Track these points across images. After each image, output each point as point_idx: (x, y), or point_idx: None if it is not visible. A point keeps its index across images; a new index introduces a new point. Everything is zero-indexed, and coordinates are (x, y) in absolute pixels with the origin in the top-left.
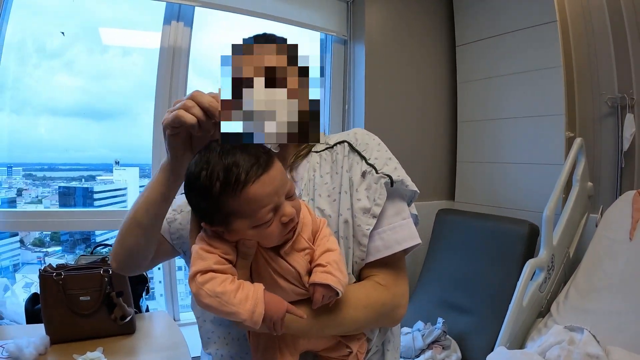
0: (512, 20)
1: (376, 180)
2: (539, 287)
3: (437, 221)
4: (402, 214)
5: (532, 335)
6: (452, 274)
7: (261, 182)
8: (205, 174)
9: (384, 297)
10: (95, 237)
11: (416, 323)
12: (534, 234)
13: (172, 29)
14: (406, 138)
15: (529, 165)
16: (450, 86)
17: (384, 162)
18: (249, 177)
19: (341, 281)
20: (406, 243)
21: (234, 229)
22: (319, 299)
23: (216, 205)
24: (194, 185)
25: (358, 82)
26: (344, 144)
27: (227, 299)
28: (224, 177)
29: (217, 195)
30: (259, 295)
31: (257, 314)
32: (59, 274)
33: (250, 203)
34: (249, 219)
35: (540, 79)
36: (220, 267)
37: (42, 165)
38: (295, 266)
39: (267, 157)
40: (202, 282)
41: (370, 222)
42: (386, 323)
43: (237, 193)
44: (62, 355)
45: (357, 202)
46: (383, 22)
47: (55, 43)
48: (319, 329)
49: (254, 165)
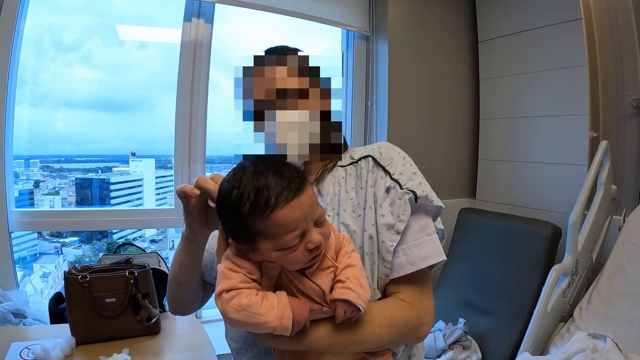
0: (535, 17)
1: (400, 196)
2: (562, 292)
3: (459, 220)
4: (427, 230)
5: (555, 341)
6: (473, 273)
7: (290, 207)
8: (236, 193)
9: (408, 315)
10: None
11: (437, 323)
12: (557, 235)
13: (193, 26)
14: (428, 135)
15: (551, 165)
16: (473, 83)
17: (409, 177)
18: (279, 202)
19: (361, 296)
20: (430, 260)
21: (259, 249)
22: (341, 314)
23: (244, 224)
24: (224, 203)
25: (381, 79)
26: (369, 159)
27: (255, 310)
28: (254, 199)
29: (246, 215)
30: (284, 301)
31: (286, 319)
32: (84, 277)
33: (278, 227)
34: (274, 242)
35: (564, 78)
36: (246, 285)
37: (59, 157)
38: (320, 285)
39: (299, 182)
40: (229, 298)
41: (394, 238)
42: (410, 340)
43: (265, 215)
44: (88, 356)
45: (381, 218)
46: (405, 18)
47: (72, 37)
48: (342, 346)
49: (285, 189)
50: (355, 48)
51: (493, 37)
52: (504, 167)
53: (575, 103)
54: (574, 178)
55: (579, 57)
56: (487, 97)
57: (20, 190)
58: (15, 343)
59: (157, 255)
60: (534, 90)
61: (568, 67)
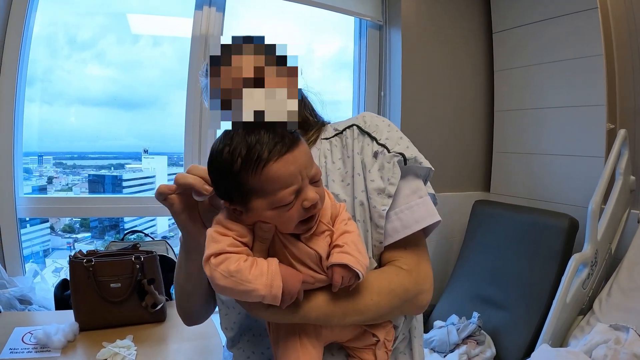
0: (550, 7)
1: (389, 160)
2: (582, 283)
3: (473, 213)
4: (418, 192)
5: (574, 333)
6: (488, 267)
7: (284, 161)
8: (227, 150)
9: (406, 282)
10: (124, 223)
11: (450, 317)
12: (574, 228)
13: (204, 15)
14: (442, 127)
15: (567, 157)
16: (487, 74)
17: (396, 142)
18: (272, 155)
19: (360, 261)
20: (425, 221)
21: (253, 209)
22: (339, 280)
23: (236, 182)
24: (215, 162)
25: (394, 69)
26: (353, 128)
27: (242, 277)
28: (245, 154)
29: (238, 171)
30: (274, 269)
31: (276, 287)
32: (89, 261)
33: (271, 182)
34: (268, 199)
35: (580, 68)
36: (234, 249)
37: (72, 154)
38: (316, 248)
39: (292, 137)
40: (216, 264)
41: (386, 202)
42: (411, 309)
43: (258, 170)
44: (91, 342)
45: (371, 183)
46: (419, 7)
47: (87, 35)
48: (340, 316)
49: (278, 143)
50: (368, 38)
51: (507, 27)
52: (519, 160)
53: (591, 94)
54: (590, 170)
55: (595, 47)
56: (502, 89)
57: (33, 186)
58: (19, 328)
59: (166, 242)
60: (550, 81)
61: (584, 57)
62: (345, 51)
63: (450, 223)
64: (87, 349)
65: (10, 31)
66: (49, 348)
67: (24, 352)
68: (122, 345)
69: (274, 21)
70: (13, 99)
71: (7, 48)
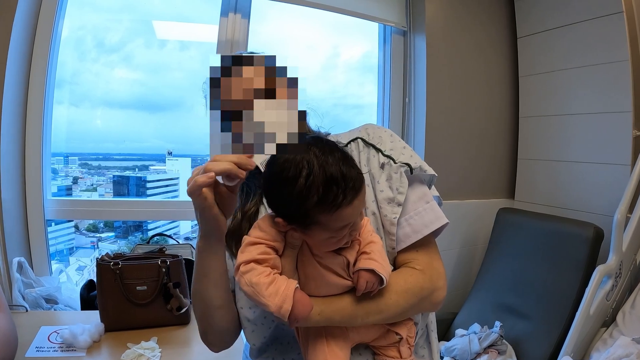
0: (575, 11)
1: (395, 170)
2: (606, 295)
3: (497, 221)
4: (424, 198)
5: (597, 345)
6: (511, 275)
7: (353, 206)
8: (303, 183)
9: (421, 281)
10: (148, 224)
11: (472, 325)
12: (599, 237)
13: (230, 21)
14: (466, 133)
15: (593, 165)
16: (512, 80)
17: (400, 152)
18: (345, 202)
19: (385, 268)
20: (433, 225)
21: (311, 234)
22: (364, 284)
23: (306, 213)
24: (286, 186)
25: (419, 75)
26: (358, 141)
27: (259, 291)
28: (323, 193)
29: (312, 206)
30: (288, 293)
31: (284, 310)
32: (116, 263)
33: (339, 221)
34: (330, 232)
35: (606, 74)
36: (263, 257)
37: (98, 155)
38: (346, 255)
39: (360, 180)
40: (244, 272)
41: (396, 210)
42: (427, 307)
43: (331, 211)
44: (116, 343)
45: (380, 194)
46: (443, 13)
47: (115, 38)
48: (363, 316)
49: (352, 189)
50: (393, 43)
51: (532, 32)
52: (544, 167)
53: (617, 100)
54: (617, 178)
55: (621, 52)
56: (527, 95)
57: (59, 186)
58: (45, 327)
59: (191, 246)
60: (575, 87)
61: (610, 63)
62: (370, 55)
63: (474, 230)
64: (112, 349)
65: (39, 35)
66: (75, 348)
67: (49, 351)
68: (147, 347)
69: (299, 26)
70: (42, 101)
71: (36, 52)
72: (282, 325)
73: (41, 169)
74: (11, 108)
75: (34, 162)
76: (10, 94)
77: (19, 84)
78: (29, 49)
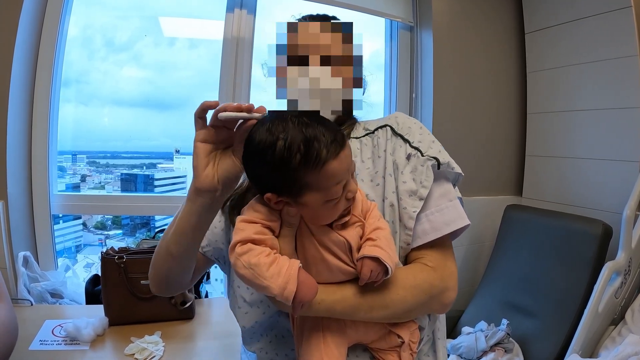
0: (583, 6)
1: (422, 163)
2: (614, 292)
3: (504, 217)
4: (448, 195)
5: (605, 344)
6: (518, 273)
7: (339, 160)
8: (282, 145)
9: (431, 278)
10: (155, 221)
11: (479, 323)
12: (607, 234)
13: (236, 17)
14: (474, 129)
15: (601, 161)
16: (520, 76)
17: (428, 145)
18: (330, 154)
19: (391, 257)
20: (455, 224)
21: (305, 202)
22: (367, 273)
23: (292, 177)
24: (265, 155)
25: (426, 71)
26: (386, 128)
27: (260, 272)
28: (305, 151)
29: (295, 167)
30: (292, 273)
31: (288, 291)
32: (120, 257)
33: (328, 178)
34: (322, 193)
35: (614, 69)
36: (260, 237)
37: (105, 153)
38: (346, 237)
39: (342, 135)
40: (240, 253)
41: (417, 204)
42: (436, 307)
43: (317, 167)
44: (120, 337)
45: (403, 185)
46: (450, 8)
47: (124, 37)
48: (366, 309)
49: (334, 142)
50: (400, 39)
51: (540, 28)
52: (553, 164)
53: (626, 96)
54: (625, 175)
55: (629, 47)
56: (535, 91)
57: (67, 184)
58: (49, 320)
59: None
60: (583, 82)
61: (618, 58)
62: (377, 53)
63: (481, 227)
64: (116, 343)
65: (45, 33)
66: (79, 341)
67: (53, 344)
68: (150, 341)
69: None
70: (48, 99)
71: (42, 49)
72: (278, 315)
73: (47, 163)
74: (18, 104)
75: (41, 157)
76: (17, 91)
77: (25, 81)
78: (35, 47)
